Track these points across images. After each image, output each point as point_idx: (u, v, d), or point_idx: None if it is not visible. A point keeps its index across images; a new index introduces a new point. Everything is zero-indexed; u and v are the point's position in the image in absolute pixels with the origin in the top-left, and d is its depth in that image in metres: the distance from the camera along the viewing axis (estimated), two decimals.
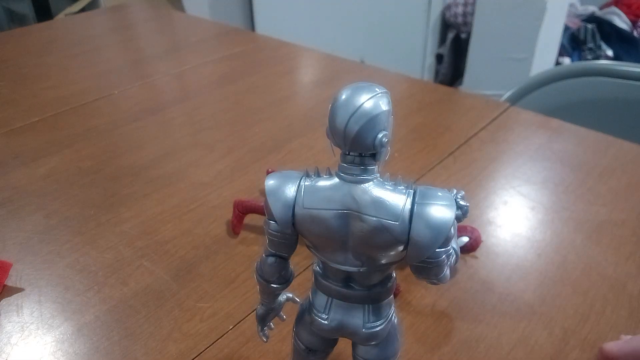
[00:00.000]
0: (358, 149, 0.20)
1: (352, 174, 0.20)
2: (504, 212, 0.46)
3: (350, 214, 0.20)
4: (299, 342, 0.26)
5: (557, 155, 0.54)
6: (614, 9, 2.06)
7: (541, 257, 0.41)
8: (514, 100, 0.81)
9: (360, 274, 0.22)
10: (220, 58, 0.79)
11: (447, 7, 2.16)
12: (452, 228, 0.20)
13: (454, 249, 0.21)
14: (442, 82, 1.76)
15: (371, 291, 0.23)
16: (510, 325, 0.35)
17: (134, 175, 0.51)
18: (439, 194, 0.20)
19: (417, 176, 0.51)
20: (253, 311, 0.32)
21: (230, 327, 0.35)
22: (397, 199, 0.20)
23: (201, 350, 0.33)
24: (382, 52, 2.16)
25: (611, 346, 0.32)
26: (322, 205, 0.21)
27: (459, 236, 0.39)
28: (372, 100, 0.19)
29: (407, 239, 0.20)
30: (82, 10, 2.07)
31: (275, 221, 0.22)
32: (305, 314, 0.25)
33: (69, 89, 0.69)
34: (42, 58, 0.80)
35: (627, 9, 2.04)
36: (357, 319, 0.23)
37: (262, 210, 0.40)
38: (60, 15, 2.13)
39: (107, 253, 0.41)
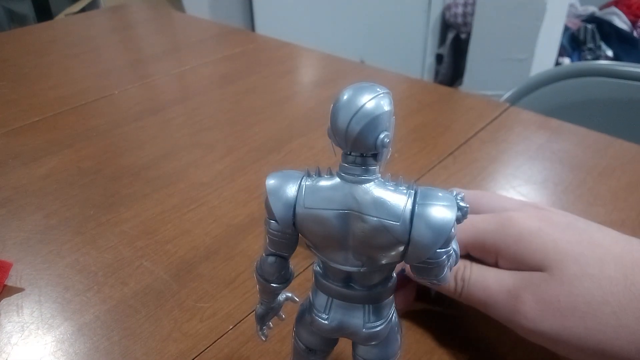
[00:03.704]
0: (359, 149, 0.20)
1: (353, 174, 0.20)
2: None
3: (351, 214, 0.20)
4: (299, 342, 0.26)
5: (556, 155, 0.54)
6: (614, 9, 2.06)
7: None
8: (514, 100, 0.81)
9: (361, 274, 0.22)
10: (220, 58, 0.79)
11: (447, 7, 2.16)
12: (453, 229, 0.20)
13: (454, 249, 0.21)
14: (442, 82, 1.77)
15: (372, 291, 0.23)
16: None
17: (134, 175, 0.51)
18: (440, 194, 0.21)
19: (417, 176, 0.51)
20: (253, 311, 0.32)
21: (230, 327, 0.35)
22: (398, 200, 0.20)
23: (201, 350, 0.33)
24: (382, 52, 2.16)
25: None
26: (323, 205, 0.21)
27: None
28: (374, 101, 0.19)
29: (407, 240, 0.20)
30: (82, 10, 2.07)
31: (275, 220, 0.22)
32: (305, 313, 0.25)
33: (69, 89, 0.69)
34: (42, 58, 0.80)
35: (627, 9, 2.04)
36: (358, 319, 0.23)
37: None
38: (60, 15, 2.13)
39: (107, 253, 0.41)
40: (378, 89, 0.19)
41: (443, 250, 0.20)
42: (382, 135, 0.19)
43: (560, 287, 0.28)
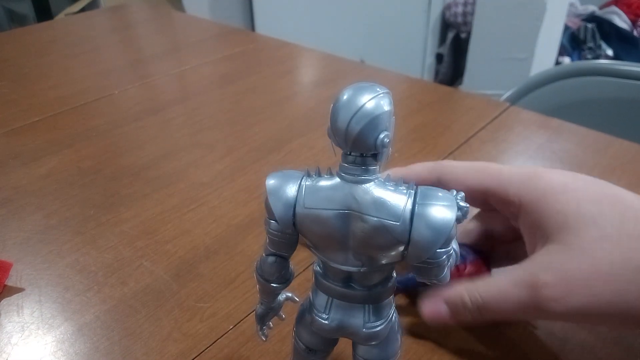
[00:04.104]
0: (359, 149, 0.20)
1: (353, 174, 0.20)
2: None
3: (351, 214, 0.20)
4: (299, 342, 0.26)
5: (557, 155, 0.54)
6: (614, 8, 2.06)
7: None
8: (514, 99, 0.81)
9: (361, 274, 0.22)
10: (220, 58, 0.79)
11: (447, 7, 2.16)
12: (453, 228, 0.20)
13: (454, 249, 0.21)
14: (442, 82, 1.76)
15: (372, 291, 0.23)
16: (510, 325, 0.35)
17: (134, 175, 0.51)
18: (440, 194, 0.21)
19: None
20: (253, 311, 0.32)
21: (230, 327, 0.35)
22: (398, 200, 0.20)
23: (201, 350, 0.33)
24: (382, 52, 2.16)
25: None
26: (323, 205, 0.21)
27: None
28: (373, 101, 0.19)
29: (408, 240, 0.20)
30: (82, 10, 2.07)
31: (275, 220, 0.22)
32: (305, 313, 0.25)
33: (69, 89, 0.69)
34: (42, 58, 0.80)
35: (627, 9, 2.04)
36: (358, 319, 0.23)
37: None
38: (60, 15, 2.13)
39: (107, 253, 0.41)
40: (378, 89, 0.19)
41: (443, 250, 0.20)
42: (382, 135, 0.19)
43: (580, 255, 0.27)
